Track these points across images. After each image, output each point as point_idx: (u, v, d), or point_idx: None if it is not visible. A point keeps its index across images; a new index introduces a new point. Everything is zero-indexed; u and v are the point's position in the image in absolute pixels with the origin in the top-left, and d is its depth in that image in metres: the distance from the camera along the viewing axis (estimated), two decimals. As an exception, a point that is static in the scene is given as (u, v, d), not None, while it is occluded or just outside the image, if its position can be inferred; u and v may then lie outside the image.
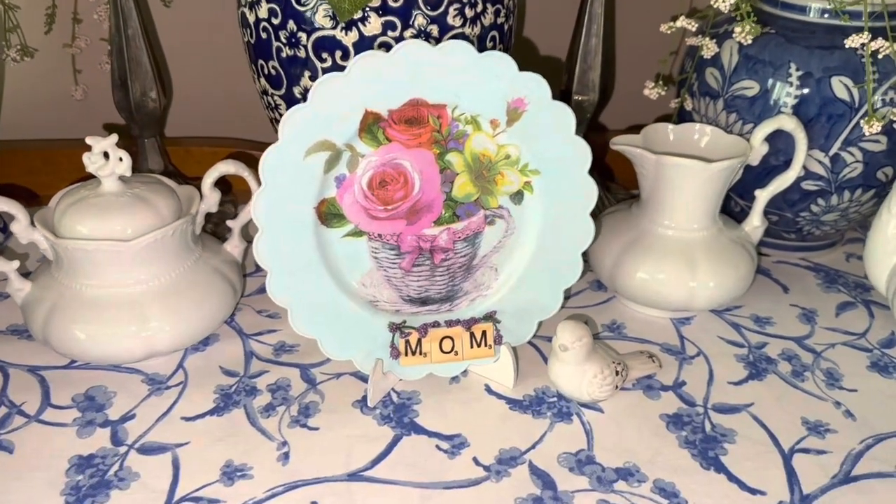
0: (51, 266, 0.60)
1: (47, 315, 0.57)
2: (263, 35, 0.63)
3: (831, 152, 0.67)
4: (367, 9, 0.59)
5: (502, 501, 0.50)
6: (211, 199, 0.62)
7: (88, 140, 0.57)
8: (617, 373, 0.57)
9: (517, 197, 0.57)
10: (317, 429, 0.55)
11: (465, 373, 0.61)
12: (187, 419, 0.56)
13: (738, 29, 0.65)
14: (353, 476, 0.51)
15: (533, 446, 0.54)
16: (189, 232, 0.60)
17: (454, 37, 0.62)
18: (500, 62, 0.52)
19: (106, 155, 0.57)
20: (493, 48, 0.66)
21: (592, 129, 0.82)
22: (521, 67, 0.52)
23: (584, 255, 0.59)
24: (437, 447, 0.54)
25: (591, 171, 0.56)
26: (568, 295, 0.71)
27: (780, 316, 0.69)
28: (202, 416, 0.56)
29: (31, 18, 0.80)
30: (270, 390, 0.59)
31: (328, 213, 0.54)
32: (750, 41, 0.65)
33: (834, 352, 0.64)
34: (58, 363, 0.61)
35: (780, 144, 0.68)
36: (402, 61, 0.50)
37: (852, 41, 0.59)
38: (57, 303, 0.57)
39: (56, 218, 0.58)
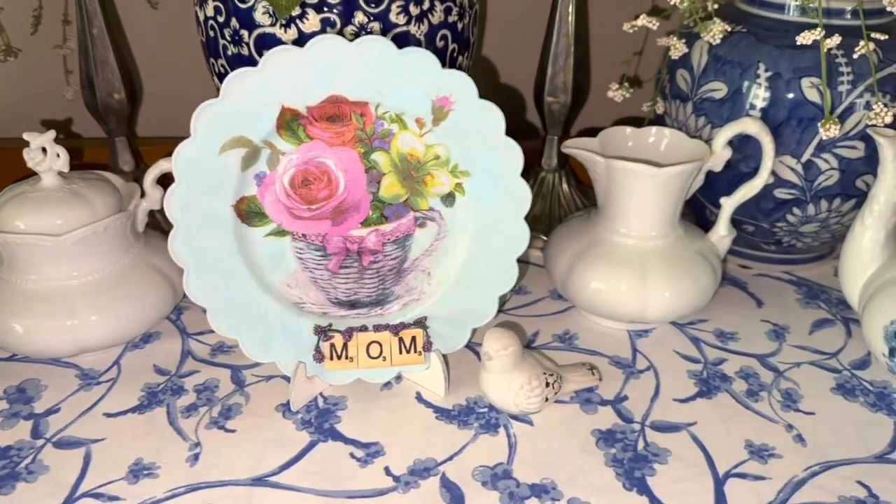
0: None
1: (-13, 308, 0.58)
2: (211, 33, 0.63)
3: (804, 158, 0.63)
4: (306, 6, 0.58)
5: (404, 514, 0.48)
6: (153, 196, 0.62)
7: (26, 136, 0.57)
8: (548, 384, 0.54)
9: (449, 199, 0.56)
10: (233, 431, 0.54)
11: (398, 379, 0.59)
12: (109, 415, 0.56)
13: (704, 27, 0.62)
14: (258, 481, 0.50)
15: (450, 458, 0.52)
16: (126, 228, 0.60)
17: (398, 35, 0.60)
18: (422, 59, 0.50)
19: (45, 150, 0.58)
20: (445, 48, 0.64)
21: (567, 132, 0.79)
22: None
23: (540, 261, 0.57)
24: (351, 455, 0.52)
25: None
26: (523, 304, 0.69)
27: (747, 331, 0.65)
28: (124, 412, 0.56)
29: (18, 20, 0.82)
30: (197, 390, 0.58)
31: (248, 212, 0.53)
32: (718, 41, 0.62)
33: (798, 371, 0.60)
34: (2, 355, 0.62)
35: (749, 150, 0.64)
36: (318, 57, 0.49)
37: (804, 38, 0.55)
38: (-2, 297, 0.58)
39: (-4, 212, 0.58)
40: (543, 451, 0.52)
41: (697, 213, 0.73)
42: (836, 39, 0.55)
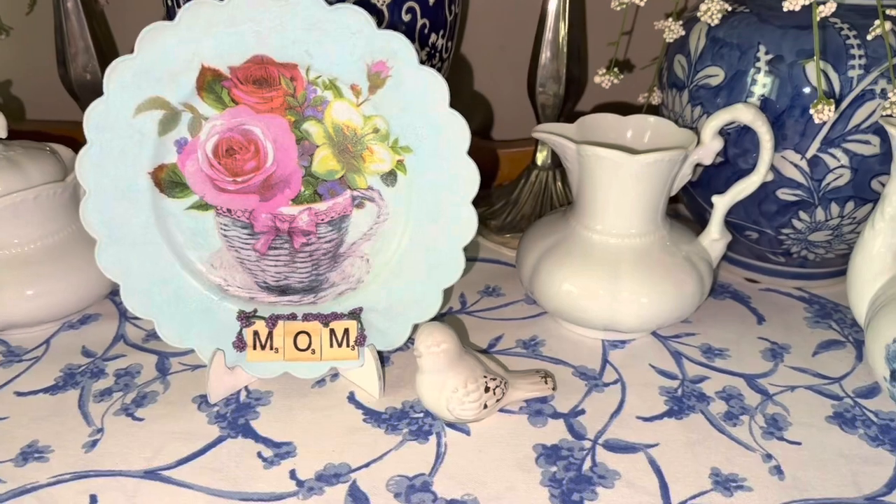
0: (-71, 227, 0.58)
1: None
2: (168, 3, 0.60)
3: (809, 154, 0.55)
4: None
5: (297, 522, 0.42)
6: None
7: (-39, 98, 0.55)
8: (488, 388, 0.48)
9: (389, 178, 0.50)
10: (142, 420, 0.50)
11: (334, 377, 0.54)
12: (19, 394, 0.52)
13: (702, 7, 0.56)
14: (150, 473, 0.45)
15: (367, 464, 0.46)
16: (65, 199, 0.57)
17: (355, 2, 0.56)
18: (355, 17, 0.45)
19: (-18, 115, 0.56)
20: (413, 22, 0.59)
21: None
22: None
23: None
24: (259, 454, 0.47)
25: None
26: (493, 306, 0.63)
27: (740, 349, 0.57)
28: (35, 392, 0.52)
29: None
30: (117, 375, 0.54)
31: (168, 181, 0.49)
32: (717, 21, 0.55)
33: (791, 396, 0.52)
34: (-65, 328, 0.59)
35: (748, 144, 0.57)
36: (238, 11, 0.45)
37: (791, 3, 0.48)
38: (-74, 265, 0.56)
39: (-69, 176, 0.56)
40: (474, 465, 0.46)
41: (698, 216, 0.66)
42: (832, 6, 0.48)
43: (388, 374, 0.53)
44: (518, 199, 0.74)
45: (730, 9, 0.56)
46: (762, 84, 0.55)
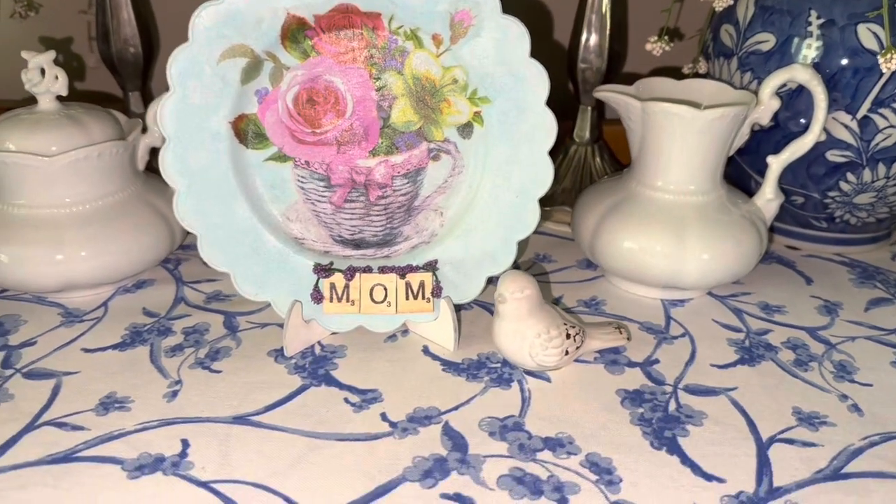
0: (-12, 185, 0.57)
1: (-28, 235, 0.54)
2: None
3: (859, 115, 0.57)
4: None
5: (398, 459, 0.42)
6: (156, 132, 0.58)
7: (24, 54, 0.55)
8: (568, 335, 0.48)
9: (466, 130, 0.51)
10: (219, 372, 0.49)
11: (405, 333, 0.54)
12: (87, 350, 0.51)
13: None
14: (238, 419, 0.45)
15: (455, 408, 0.46)
16: (124, 160, 0.57)
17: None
18: (441, -34, 0.46)
19: (42, 72, 0.55)
20: None
21: (602, 103, 0.74)
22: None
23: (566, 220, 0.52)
24: (346, 400, 0.47)
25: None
26: (548, 270, 0.63)
27: (796, 306, 0.59)
28: (104, 349, 0.51)
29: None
30: (185, 332, 0.53)
31: (247, 131, 0.49)
32: (766, -14, 0.57)
33: (853, 345, 0.54)
34: (-14, 291, 0.58)
35: (800, 106, 0.59)
36: (327, -42, 0.46)
37: None
38: (-18, 223, 0.55)
39: (-12, 135, 0.55)
40: (560, 408, 0.46)
41: (742, 183, 0.67)
42: (901, -43, 0.50)
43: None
44: (557, 173, 0.75)
45: (778, -25, 0.58)
46: (814, 48, 0.57)
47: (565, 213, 0.72)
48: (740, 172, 0.66)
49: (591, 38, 0.70)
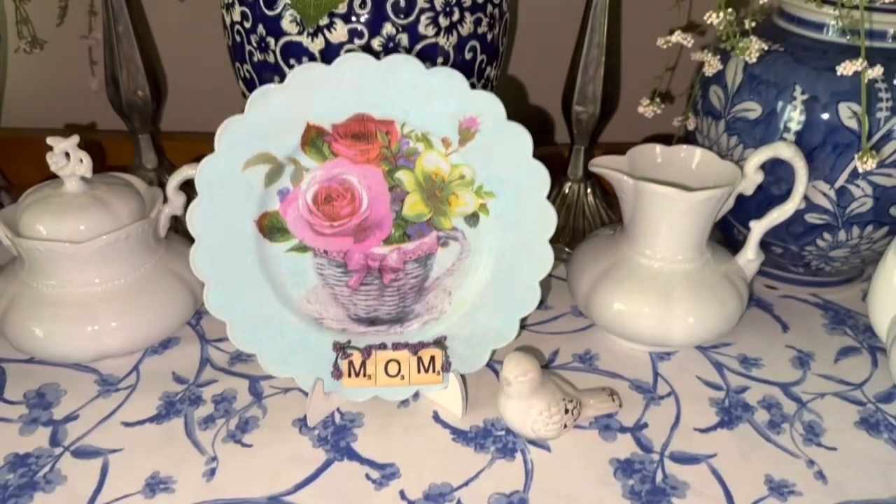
0: (15, 263, 0.60)
1: (5, 310, 0.58)
2: (238, 38, 0.62)
3: (837, 185, 0.61)
4: (334, 16, 0.57)
5: (418, 541, 0.47)
6: (176, 203, 0.62)
7: (49, 140, 0.57)
8: (567, 410, 0.54)
9: (472, 219, 0.55)
10: (250, 446, 0.54)
11: (416, 396, 0.58)
12: (127, 425, 0.56)
13: (740, 45, 0.60)
14: (273, 500, 0.50)
15: (466, 483, 0.52)
16: (149, 235, 0.60)
17: (426, 47, 0.59)
18: (450, 79, 0.49)
19: (68, 155, 0.58)
20: (473, 59, 0.63)
21: (595, 143, 0.78)
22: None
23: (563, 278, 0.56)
24: (367, 476, 0.52)
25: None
26: (544, 320, 0.68)
27: (772, 358, 0.64)
28: (142, 422, 0.56)
29: (44, 10, 0.82)
30: (215, 401, 0.58)
31: (271, 227, 0.53)
32: (755, 59, 0.60)
33: (822, 403, 0.59)
34: (20, 357, 0.62)
35: (782, 173, 0.63)
36: (344, 75, 0.48)
37: (845, 69, 0.54)
38: (16, 299, 0.58)
39: (18, 216, 0.58)
40: (560, 480, 0.52)
41: (725, 231, 0.72)
42: (879, 70, 0.53)
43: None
44: (552, 209, 0.79)
45: (766, 48, 0.61)
46: (798, 121, 0.61)
47: (561, 250, 0.76)
48: (724, 221, 0.70)
49: (586, 86, 0.73)
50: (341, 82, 0.49)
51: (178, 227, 0.66)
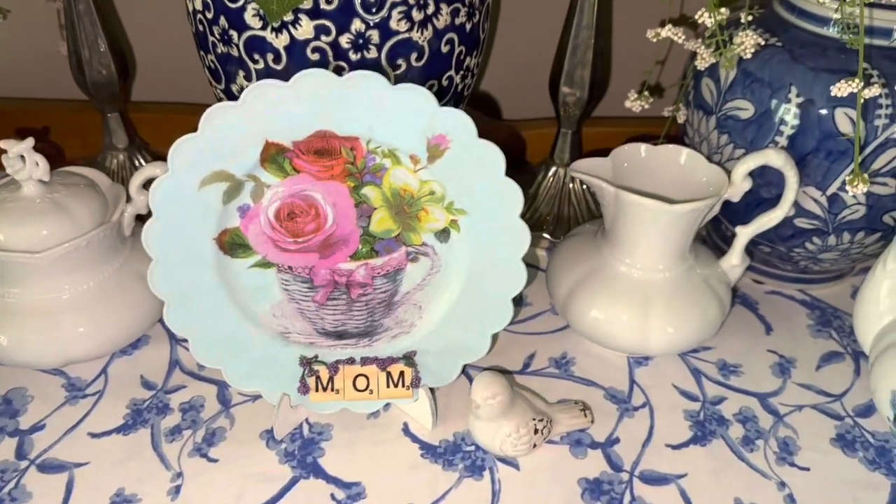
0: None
1: (-30, 319, 0.57)
2: (200, 27, 0.59)
3: (829, 192, 0.59)
4: (299, 11, 0.53)
5: (380, 569, 0.47)
6: (139, 202, 0.59)
7: (2, 144, 0.55)
8: (536, 430, 0.53)
9: (443, 235, 0.53)
10: (216, 461, 0.54)
11: (386, 406, 0.58)
12: (94, 436, 0.55)
13: (736, 40, 0.57)
14: (237, 521, 0.50)
15: (432, 504, 0.51)
16: (112, 237, 0.58)
17: (398, 43, 0.56)
18: (417, 97, 0.46)
19: (23, 158, 0.55)
20: (451, 52, 0.59)
21: (581, 125, 0.74)
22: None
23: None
24: (332, 496, 0.52)
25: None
26: (523, 318, 0.67)
27: (752, 364, 0.63)
28: (109, 433, 0.55)
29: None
30: (182, 409, 0.57)
31: (232, 244, 0.51)
32: (750, 55, 0.57)
33: (799, 416, 0.58)
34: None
35: (771, 177, 0.60)
36: (304, 93, 0.45)
37: (839, 89, 0.50)
38: (-21, 308, 0.57)
39: (-23, 221, 0.56)
40: (528, 501, 0.52)
41: (715, 227, 0.70)
42: (876, 90, 0.50)
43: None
44: (536, 196, 0.76)
45: (763, 42, 0.57)
46: (791, 125, 0.58)
47: (543, 239, 0.74)
48: (714, 218, 0.68)
49: (574, 70, 0.69)
50: (299, 99, 0.46)
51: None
